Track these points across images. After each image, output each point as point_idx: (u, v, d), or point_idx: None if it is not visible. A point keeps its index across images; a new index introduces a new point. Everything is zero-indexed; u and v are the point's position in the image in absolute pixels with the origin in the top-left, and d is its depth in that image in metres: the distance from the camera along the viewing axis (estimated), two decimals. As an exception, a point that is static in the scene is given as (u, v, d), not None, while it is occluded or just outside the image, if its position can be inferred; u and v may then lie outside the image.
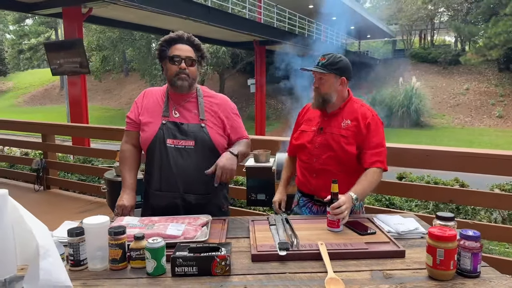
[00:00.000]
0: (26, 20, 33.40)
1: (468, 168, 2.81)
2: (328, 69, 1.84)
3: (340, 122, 1.89)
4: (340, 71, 1.86)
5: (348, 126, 1.87)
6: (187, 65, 1.83)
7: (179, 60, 1.83)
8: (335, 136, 1.87)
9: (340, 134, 1.86)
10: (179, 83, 1.83)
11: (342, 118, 1.90)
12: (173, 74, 1.83)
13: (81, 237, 1.31)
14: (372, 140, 1.85)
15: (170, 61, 1.84)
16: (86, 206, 4.53)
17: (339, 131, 1.87)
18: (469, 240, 1.25)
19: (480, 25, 23.99)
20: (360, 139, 1.85)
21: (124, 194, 1.88)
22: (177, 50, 1.84)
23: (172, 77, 1.84)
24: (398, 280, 1.24)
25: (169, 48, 1.85)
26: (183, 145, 1.82)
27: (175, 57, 1.83)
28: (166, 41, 1.86)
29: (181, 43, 1.86)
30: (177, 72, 1.82)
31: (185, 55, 1.83)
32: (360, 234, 1.54)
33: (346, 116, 1.90)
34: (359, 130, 1.86)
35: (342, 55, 1.90)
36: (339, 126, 1.88)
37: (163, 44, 1.86)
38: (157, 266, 1.27)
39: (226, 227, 1.66)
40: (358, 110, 1.90)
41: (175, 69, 1.83)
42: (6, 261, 1.17)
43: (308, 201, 2.01)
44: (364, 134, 1.85)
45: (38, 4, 8.81)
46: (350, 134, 1.86)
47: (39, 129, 5.28)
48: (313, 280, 1.24)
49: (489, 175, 2.67)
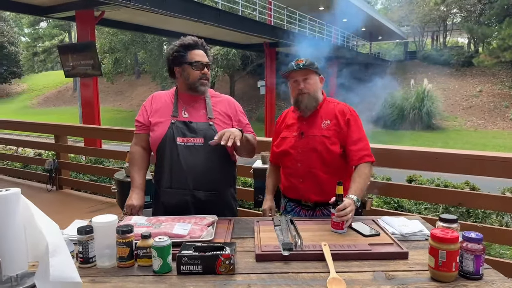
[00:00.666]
0: (40, 23, 34.07)
1: (478, 171, 2.79)
2: (313, 68, 1.89)
3: (320, 123, 1.90)
4: (319, 70, 1.93)
5: (329, 126, 1.89)
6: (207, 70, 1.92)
7: (202, 65, 1.89)
8: (317, 138, 1.88)
9: (322, 135, 1.88)
10: (201, 88, 1.91)
11: (321, 119, 1.91)
12: (195, 79, 1.90)
13: (90, 235, 1.36)
14: (354, 135, 1.87)
15: (192, 66, 1.89)
16: (97, 206, 4.60)
17: (320, 132, 1.89)
18: (472, 242, 1.25)
19: (494, 26, 23.65)
20: (342, 137, 1.87)
21: (133, 194, 1.92)
22: (197, 56, 1.90)
23: (194, 81, 1.90)
24: (400, 281, 1.25)
25: (187, 53, 1.90)
26: (192, 142, 1.86)
27: (197, 63, 1.89)
28: (184, 46, 1.90)
29: (198, 49, 1.92)
30: (200, 77, 1.89)
31: (205, 61, 1.91)
32: (363, 235, 1.56)
33: (324, 116, 1.91)
34: (340, 128, 1.88)
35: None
36: (319, 128, 1.90)
37: (181, 50, 1.90)
38: (163, 264, 1.30)
39: (231, 227, 1.69)
40: (335, 108, 1.93)
41: (198, 74, 1.89)
42: (18, 257, 1.21)
43: (295, 206, 2.02)
44: (345, 131, 1.87)
45: (53, 8, 8.99)
46: (332, 134, 1.87)
47: (52, 130, 5.38)
48: (316, 280, 1.25)
49: (501, 179, 2.65)
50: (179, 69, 1.93)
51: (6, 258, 1.19)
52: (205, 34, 13.36)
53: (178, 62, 1.92)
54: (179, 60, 1.91)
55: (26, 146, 6.58)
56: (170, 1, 9.40)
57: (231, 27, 12.39)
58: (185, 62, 1.90)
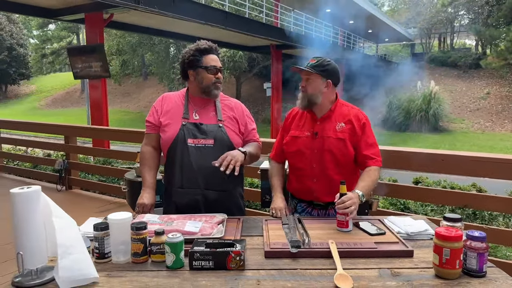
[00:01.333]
0: (49, 25, 34.42)
1: (484, 173, 2.81)
2: (315, 70, 1.90)
3: (334, 125, 1.93)
4: (327, 74, 1.92)
5: (343, 129, 1.92)
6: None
7: (216, 70, 1.95)
8: (332, 139, 1.91)
9: (337, 138, 1.91)
10: (215, 91, 1.97)
11: (335, 121, 1.94)
12: (210, 82, 1.95)
13: (106, 231, 1.41)
14: (369, 140, 1.92)
15: (207, 70, 1.94)
16: (106, 205, 4.68)
17: (335, 134, 1.92)
18: (475, 241, 1.29)
19: (502, 28, 23.48)
20: (355, 140, 1.91)
21: (145, 193, 1.98)
22: (213, 61, 1.96)
23: (209, 85, 1.96)
24: (405, 278, 1.29)
25: (202, 57, 1.95)
26: (203, 143, 1.92)
27: (212, 67, 1.95)
28: (199, 51, 1.96)
29: (213, 54, 1.98)
30: (214, 81, 1.95)
31: (219, 65, 1.98)
32: (369, 234, 1.59)
33: (339, 119, 1.95)
34: (354, 131, 1.91)
35: (331, 60, 1.96)
36: (334, 130, 1.93)
37: (196, 54, 1.95)
38: (176, 259, 1.35)
39: (240, 225, 1.74)
40: (349, 112, 1.96)
41: (212, 78, 1.95)
42: (38, 252, 1.27)
43: (307, 206, 2.04)
44: (359, 135, 1.91)
45: (62, 10, 9.13)
46: (347, 137, 1.91)
47: (62, 131, 5.48)
48: (323, 276, 1.30)
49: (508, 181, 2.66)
50: (193, 72, 1.98)
51: (27, 253, 1.25)
52: (212, 36, 13.45)
53: (193, 65, 1.97)
54: (194, 64, 1.96)
55: (37, 146, 6.68)
56: (178, 3, 9.51)
57: (238, 29, 12.47)
58: (200, 66, 1.95)
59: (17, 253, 1.24)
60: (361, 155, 1.92)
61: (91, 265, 1.29)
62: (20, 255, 1.23)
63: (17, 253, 1.24)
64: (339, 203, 1.63)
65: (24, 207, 1.24)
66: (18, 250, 1.24)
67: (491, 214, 3.70)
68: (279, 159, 2.16)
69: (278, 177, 2.12)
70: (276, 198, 2.02)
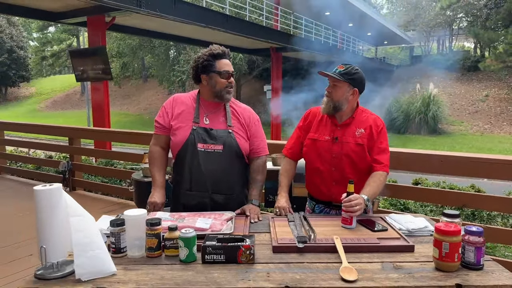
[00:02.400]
0: (49, 27, 34.53)
1: (482, 174, 2.88)
2: (344, 78, 1.95)
3: (354, 131, 2.00)
4: (354, 82, 1.97)
5: (363, 135, 1.99)
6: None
7: (229, 75, 2.00)
8: (351, 145, 1.98)
9: (356, 143, 1.98)
10: (227, 96, 2.02)
11: (355, 128, 2.00)
12: (222, 87, 2.00)
13: (122, 227, 1.48)
14: (380, 146, 1.98)
15: (220, 75, 1.99)
16: (109, 206, 4.74)
17: (354, 139, 1.98)
18: (473, 235, 1.36)
19: (500, 31, 23.63)
20: (371, 144, 1.98)
21: (155, 192, 2.05)
22: (226, 66, 2.00)
23: (221, 89, 2.00)
24: (406, 270, 1.36)
25: (216, 62, 2.00)
26: (212, 149, 1.97)
27: (225, 72, 1.99)
28: (213, 55, 2.00)
29: (225, 58, 2.03)
30: (226, 85, 2.00)
31: (231, 70, 2.02)
32: (372, 230, 1.67)
33: (359, 125, 2.01)
34: (372, 137, 1.98)
35: (359, 68, 2.00)
36: (353, 135, 1.99)
37: (210, 59, 2.00)
38: (189, 253, 1.42)
39: (248, 222, 1.81)
40: (369, 118, 2.03)
41: (225, 83, 2.00)
42: (59, 246, 1.35)
43: (324, 207, 2.11)
44: (375, 140, 1.98)
45: (64, 13, 9.21)
46: (365, 142, 1.98)
47: (66, 133, 5.54)
48: (329, 269, 1.37)
49: (507, 184, 2.73)
50: (206, 76, 2.01)
51: (50, 246, 1.32)
52: (213, 39, 13.52)
53: (206, 70, 2.00)
54: (207, 69, 2.00)
55: (42, 148, 6.74)
56: (180, 7, 9.60)
57: (238, 32, 12.56)
58: (213, 70, 1.99)
59: (40, 246, 1.31)
60: (371, 159, 1.98)
61: (109, 259, 1.36)
62: (43, 249, 1.30)
63: (41, 246, 1.31)
64: (346, 202, 1.71)
65: (47, 203, 1.31)
66: (41, 244, 1.31)
67: (490, 215, 3.77)
68: (293, 156, 2.20)
69: (287, 177, 2.16)
70: (280, 197, 2.08)
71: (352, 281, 1.28)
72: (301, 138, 2.16)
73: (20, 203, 4.78)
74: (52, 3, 8.52)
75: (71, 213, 1.35)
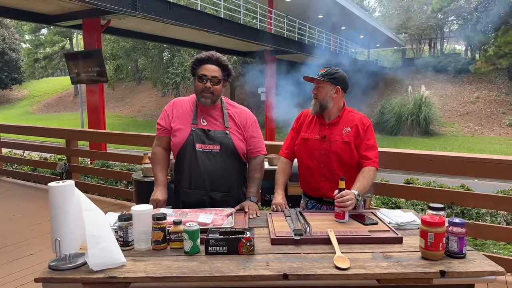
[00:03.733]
0: (42, 29, 34.39)
1: (470, 172, 3.00)
2: (325, 78, 2.11)
3: (341, 130, 2.14)
4: (335, 81, 2.12)
5: (349, 133, 2.12)
6: (213, 84, 2.08)
7: (205, 79, 2.08)
8: (338, 143, 2.11)
9: (343, 141, 2.11)
10: (202, 100, 2.10)
11: (342, 126, 2.14)
12: (198, 91, 2.10)
13: (129, 221, 1.57)
14: (369, 142, 2.12)
15: (198, 79, 2.09)
16: (107, 207, 4.81)
17: (341, 138, 2.12)
18: (456, 226, 1.48)
19: (490, 34, 24.02)
20: (358, 142, 2.11)
21: (157, 190, 2.14)
22: (205, 70, 2.09)
23: (197, 93, 2.11)
24: (395, 259, 1.47)
25: (199, 66, 2.11)
26: (210, 149, 2.08)
27: (202, 76, 2.09)
28: (198, 60, 2.12)
29: (210, 64, 2.10)
30: (202, 90, 2.08)
31: (211, 75, 2.08)
32: (364, 224, 1.78)
33: (346, 124, 2.15)
34: (359, 135, 2.12)
35: (339, 69, 2.17)
36: (340, 134, 2.13)
37: (195, 63, 2.12)
38: (193, 246, 1.52)
39: (247, 218, 1.92)
40: (355, 118, 2.17)
41: (201, 87, 2.09)
42: (72, 239, 1.45)
43: (316, 203, 2.24)
44: (362, 137, 2.11)
45: (60, 16, 9.26)
46: (352, 140, 2.11)
47: (64, 135, 5.60)
48: (324, 259, 1.48)
49: (495, 184, 2.84)
50: (194, 80, 2.15)
51: (63, 239, 1.41)
52: (208, 42, 13.67)
53: (192, 73, 2.15)
54: (193, 72, 2.14)
55: (39, 150, 6.77)
56: (175, 10, 9.70)
57: (233, 35, 12.68)
58: (195, 74, 2.12)
59: (54, 239, 1.40)
60: (359, 155, 2.11)
61: (119, 251, 1.45)
62: (58, 241, 1.39)
63: (55, 239, 1.40)
64: (338, 197, 1.82)
65: (61, 199, 1.40)
66: (55, 237, 1.40)
67: (478, 213, 3.91)
68: (289, 156, 2.34)
69: (284, 175, 2.29)
70: (277, 195, 2.20)
71: (345, 269, 1.39)
72: (294, 139, 2.30)
73: (17, 205, 4.84)
74: (47, 6, 8.57)
75: (83, 208, 1.44)
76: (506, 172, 2.72)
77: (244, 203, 2.10)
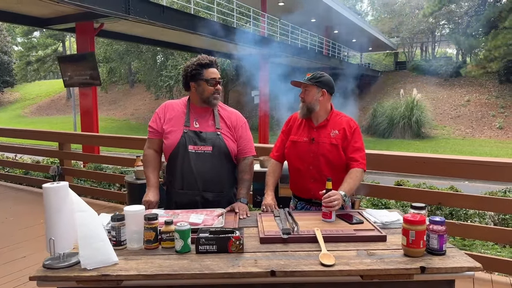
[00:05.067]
0: (34, 32, 34.19)
1: (462, 174, 3.07)
2: (311, 82, 2.18)
3: (329, 132, 2.20)
4: (321, 84, 2.19)
5: (337, 136, 2.18)
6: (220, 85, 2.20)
7: (216, 82, 2.17)
8: (326, 145, 2.18)
9: (331, 143, 2.17)
10: (214, 101, 2.18)
11: (330, 129, 2.20)
12: (210, 93, 2.17)
13: (122, 222, 1.62)
14: (356, 144, 2.18)
15: (207, 83, 2.16)
16: (99, 210, 4.73)
17: (329, 140, 2.18)
18: (436, 225, 1.54)
19: (480, 38, 24.35)
20: (346, 144, 2.18)
21: (149, 191, 2.19)
22: (213, 74, 2.17)
23: (209, 96, 2.17)
24: (378, 256, 1.53)
25: (203, 71, 2.16)
26: (202, 150, 2.14)
27: (212, 80, 2.16)
28: (201, 65, 2.17)
29: (213, 67, 2.19)
30: (213, 92, 2.17)
31: (219, 77, 2.19)
32: (350, 223, 1.84)
33: (333, 127, 2.21)
34: (346, 137, 2.18)
35: (325, 73, 2.24)
36: (328, 136, 2.19)
37: (198, 68, 2.17)
38: (184, 245, 1.57)
39: (237, 218, 1.97)
40: (342, 121, 2.23)
41: (212, 90, 2.16)
42: (66, 238, 1.49)
43: (305, 204, 2.30)
44: (349, 140, 2.18)
45: (53, 19, 9.26)
46: (340, 142, 2.17)
47: (56, 138, 5.61)
48: (310, 256, 1.53)
49: (485, 186, 2.91)
50: (195, 84, 2.19)
51: (57, 238, 1.45)
52: (201, 45, 13.71)
53: (194, 78, 2.17)
54: (195, 77, 2.17)
55: (33, 154, 6.74)
56: (168, 13, 9.74)
57: (226, 38, 12.74)
58: (201, 78, 2.16)
59: (49, 238, 1.44)
60: (347, 157, 2.17)
61: (111, 250, 1.50)
62: (52, 241, 1.44)
63: (49, 238, 1.44)
64: (325, 198, 1.88)
65: (55, 199, 1.45)
66: (50, 236, 1.44)
67: (466, 214, 3.99)
68: (279, 158, 2.39)
69: (274, 177, 2.35)
70: (267, 195, 2.26)
71: (330, 266, 1.44)
72: (284, 141, 2.36)
73: (10, 207, 4.84)
74: (40, 9, 8.57)
75: (76, 209, 1.48)
76: (496, 174, 2.79)
77: (234, 204, 2.15)
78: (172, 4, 16.13)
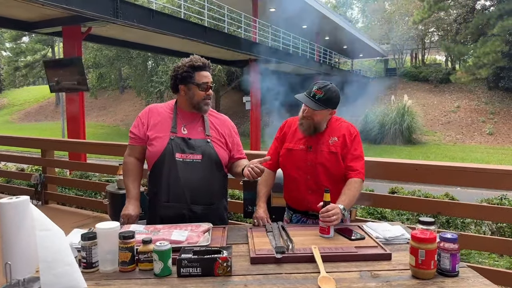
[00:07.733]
0: (23, 37, 33.70)
1: (456, 182, 2.94)
2: (324, 105, 1.93)
3: (328, 139, 2.01)
4: (334, 106, 1.99)
5: (336, 143, 2.00)
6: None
7: (207, 87, 1.98)
8: (325, 153, 1.99)
9: (329, 151, 1.99)
10: (205, 107, 2.00)
11: (329, 136, 2.02)
12: (200, 99, 1.98)
13: (94, 241, 1.42)
14: (356, 152, 2.00)
15: (199, 87, 1.97)
16: (84, 220, 4.60)
17: (328, 148, 1.99)
18: (448, 242, 1.38)
19: (469, 45, 24.57)
20: (345, 152, 2.00)
21: (129, 204, 1.99)
22: (204, 78, 1.98)
23: (199, 101, 1.98)
24: (384, 279, 1.36)
25: (195, 74, 1.97)
26: (191, 158, 1.94)
27: (204, 84, 1.97)
28: (193, 67, 1.97)
29: (205, 70, 2.00)
30: (204, 97, 1.98)
31: (211, 81, 2.00)
32: (350, 239, 1.67)
33: (332, 133, 2.02)
34: (346, 145, 2.00)
35: (334, 86, 1.99)
36: (327, 144, 2.00)
37: (190, 70, 1.97)
38: (164, 267, 1.38)
39: (226, 234, 1.78)
40: (342, 127, 2.04)
41: (203, 95, 1.97)
42: (26, 262, 1.28)
43: (301, 217, 2.11)
44: (349, 147, 2.00)
45: (39, 23, 9.02)
46: (339, 150, 1.99)
47: (39, 144, 5.37)
48: (307, 280, 1.35)
49: (479, 192, 2.79)
50: (184, 87, 1.99)
51: (15, 262, 1.25)
52: (191, 50, 13.52)
53: (185, 81, 1.97)
54: (186, 80, 1.97)
55: (13, 161, 6.48)
56: (158, 18, 9.57)
57: (217, 43, 12.60)
58: (192, 82, 1.96)
59: (5, 263, 1.24)
60: (345, 166, 1.99)
61: (78, 276, 1.29)
62: (8, 265, 1.23)
63: (5, 263, 1.24)
64: (323, 212, 1.70)
65: (12, 217, 1.25)
66: (6, 260, 1.24)
67: (464, 222, 3.86)
68: (272, 167, 2.19)
69: (266, 186, 2.15)
70: (259, 208, 2.07)
71: (330, 291, 1.27)
72: (278, 148, 2.17)
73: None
74: (26, 13, 8.33)
75: (38, 227, 1.28)
76: (488, 181, 2.68)
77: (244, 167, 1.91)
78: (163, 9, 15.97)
